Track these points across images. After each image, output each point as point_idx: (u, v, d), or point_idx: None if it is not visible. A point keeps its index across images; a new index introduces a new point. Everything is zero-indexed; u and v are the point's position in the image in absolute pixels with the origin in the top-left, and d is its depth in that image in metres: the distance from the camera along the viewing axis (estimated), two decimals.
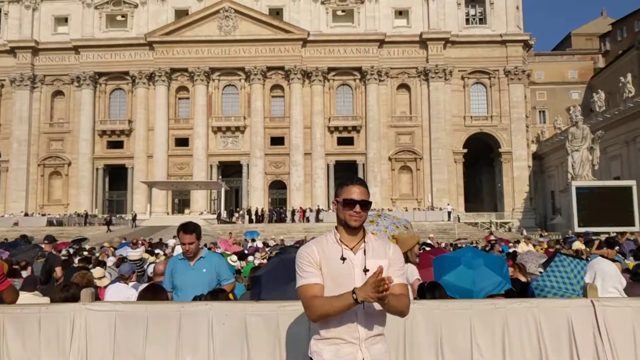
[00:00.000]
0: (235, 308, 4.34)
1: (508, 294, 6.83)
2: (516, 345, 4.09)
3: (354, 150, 65.90)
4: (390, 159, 65.63)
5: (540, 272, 8.81)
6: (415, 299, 3.73)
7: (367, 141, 65.04)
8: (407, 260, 6.26)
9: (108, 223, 50.70)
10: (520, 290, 7.88)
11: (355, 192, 3.42)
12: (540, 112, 79.91)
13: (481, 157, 68.38)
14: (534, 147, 70.04)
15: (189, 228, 5.82)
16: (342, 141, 66.48)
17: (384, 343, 3.43)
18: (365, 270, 3.33)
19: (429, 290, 5.07)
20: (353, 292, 3.18)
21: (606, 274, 5.85)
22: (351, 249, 3.42)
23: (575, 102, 68.22)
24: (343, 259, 3.36)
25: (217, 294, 4.94)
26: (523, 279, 9.19)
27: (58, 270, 11.32)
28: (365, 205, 3.44)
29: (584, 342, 4.02)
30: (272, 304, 4.26)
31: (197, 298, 4.92)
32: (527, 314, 4.10)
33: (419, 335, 4.11)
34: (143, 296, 5.06)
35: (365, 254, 3.41)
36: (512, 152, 65.27)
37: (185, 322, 4.28)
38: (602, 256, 9.60)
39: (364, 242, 3.46)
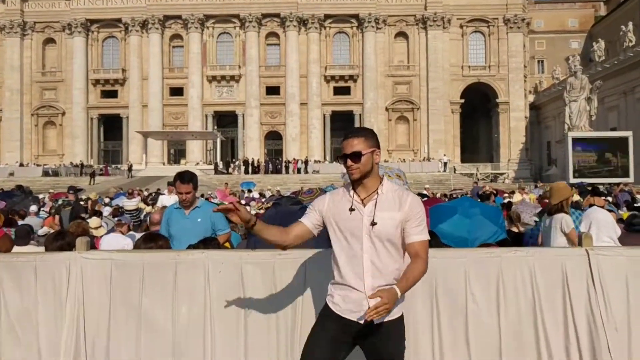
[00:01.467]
0: (232, 256, 4.34)
1: (502, 244, 6.89)
2: (510, 293, 4.13)
3: (351, 100, 65.38)
4: (387, 109, 65.26)
5: (535, 222, 8.89)
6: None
7: (364, 91, 64.47)
8: (561, 210, 6.19)
9: (92, 175, 49.43)
10: (514, 240, 7.95)
11: (347, 146, 3.32)
12: (538, 61, 79.02)
13: (478, 108, 68.02)
14: (531, 98, 69.59)
15: (186, 177, 5.76)
16: (338, 91, 65.88)
17: None
18: (373, 224, 3.24)
19: None
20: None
21: (601, 223, 5.88)
22: (362, 200, 3.32)
23: (575, 52, 67.35)
24: (351, 209, 3.30)
25: (208, 243, 4.94)
26: (517, 229, 9.26)
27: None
28: (356, 156, 3.28)
29: (577, 291, 4.05)
30: (268, 252, 4.26)
31: (190, 247, 4.92)
32: (522, 262, 4.12)
33: (414, 287, 4.12)
34: (142, 244, 5.05)
35: (375, 207, 3.29)
36: (509, 102, 64.94)
37: (181, 270, 4.28)
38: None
39: (377, 193, 3.33)
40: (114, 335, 4.29)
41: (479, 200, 15.48)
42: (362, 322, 3.23)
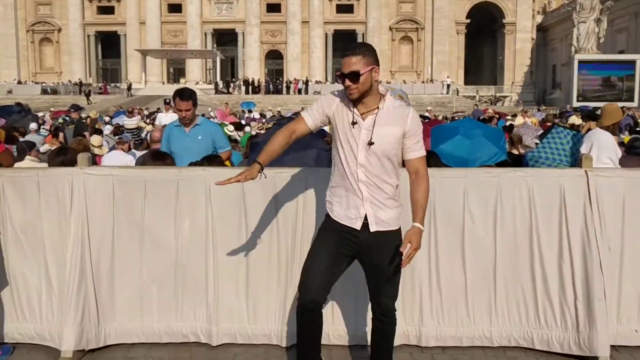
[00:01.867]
0: (233, 173, 4.34)
1: (502, 166, 6.91)
2: (508, 212, 4.19)
3: (354, 19, 63.69)
4: (390, 29, 63.73)
5: (536, 144, 8.87)
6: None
7: (368, 9, 62.69)
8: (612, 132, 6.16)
9: (87, 94, 48.32)
10: (515, 162, 7.96)
11: (345, 65, 3.17)
12: None
13: (484, 29, 66.33)
14: (539, 19, 67.65)
15: (185, 94, 5.69)
16: (341, 9, 64.07)
17: (393, 209, 3.35)
18: (370, 143, 3.20)
19: None
20: (255, 161, 3.40)
21: (602, 144, 5.88)
22: (362, 115, 3.25)
23: None
24: (353, 123, 3.25)
25: (212, 160, 4.96)
26: (517, 151, 9.26)
27: (87, 136, 11.50)
28: (354, 75, 3.14)
29: (574, 211, 4.11)
30: (269, 170, 4.28)
31: (192, 164, 4.94)
32: (520, 183, 4.15)
33: None
34: (149, 161, 5.07)
35: (375, 122, 3.22)
36: (516, 23, 63.30)
37: (183, 187, 4.32)
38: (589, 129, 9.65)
39: (378, 108, 3.24)
40: (117, 249, 4.38)
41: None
42: (358, 228, 3.29)
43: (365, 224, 3.30)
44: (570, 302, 4.12)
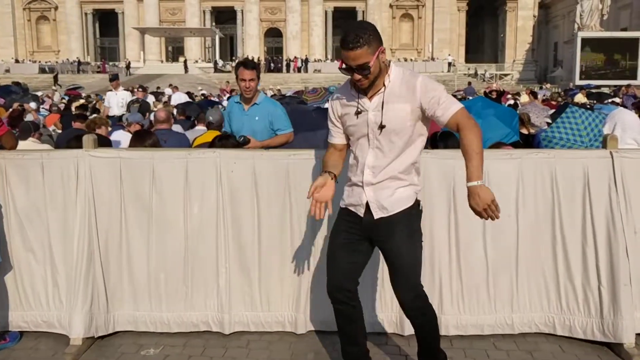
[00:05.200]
0: (244, 155, 4.21)
1: (514, 146, 6.76)
2: (529, 194, 4.05)
3: None
4: (391, 6, 63.05)
5: (548, 123, 8.71)
6: (426, 148, 3.45)
7: None
8: None
9: (55, 77, 45.75)
10: (525, 142, 7.81)
11: (349, 59, 2.86)
12: None
13: (485, 6, 65.62)
14: None
15: (250, 64, 5.37)
16: None
17: (403, 189, 3.10)
18: (382, 127, 2.96)
19: (441, 139, 4.95)
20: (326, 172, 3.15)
21: (626, 125, 5.73)
22: (369, 98, 3.02)
23: None
24: (358, 112, 3.03)
25: (227, 139, 4.77)
26: (527, 131, 9.09)
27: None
28: (364, 67, 2.86)
29: (598, 193, 3.97)
30: (282, 152, 4.13)
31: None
32: (543, 164, 4.00)
33: (432, 185, 4.04)
34: (133, 143, 4.90)
35: (383, 102, 2.96)
36: (517, 0, 62.50)
37: (192, 169, 4.17)
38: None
39: (384, 86, 2.98)
40: (125, 234, 4.25)
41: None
42: (362, 215, 3.12)
43: (370, 210, 3.11)
44: (594, 287, 3.99)
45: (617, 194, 3.94)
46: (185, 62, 55.33)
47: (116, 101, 14.40)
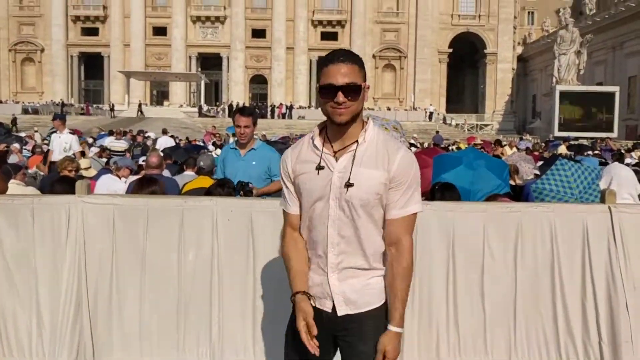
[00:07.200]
0: (241, 204, 4.16)
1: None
2: (529, 248, 4.04)
3: (338, 46, 64.05)
4: (374, 57, 64.45)
5: (536, 175, 8.80)
6: (426, 199, 3.41)
7: (352, 37, 63.42)
8: None
9: (13, 122, 41.09)
10: (514, 192, 7.87)
11: (337, 74, 2.38)
12: (529, 12, 77.99)
13: (466, 58, 67.43)
14: (519, 49, 69.08)
15: (246, 110, 5.40)
16: (325, 36, 64.73)
17: (375, 279, 2.53)
18: (348, 185, 2.40)
19: (440, 191, 4.95)
20: (295, 294, 2.53)
21: (622, 180, 5.81)
22: (335, 153, 2.47)
23: (566, 4, 66.48)
24: (319, 168, 2.46)
25: (223, 185, 4.71)
26: (513, 182, 9.18)
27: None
28: (354, 90, 2.39)
29: (598, 247, 3.98)
30: (275, 200, 4.06)
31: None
32: (542, 218, 4.01)
33: (431, 237, 4.01)
34: (136, 189, 4.83)
35: (353, 160, 2.43)
36: (497, 53, 64.50)
37: (188, 217, 4.10)
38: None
39: (357, 143, 2.45)
40: (117, 282, 4.13)
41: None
42: (329, 310, 2.53)
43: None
44: (594, 343, 3.95)
45: (616, 248, 3.95)
46: (139, 105, 53.86)
47: (59, 144, 12.26)
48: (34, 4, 63.59)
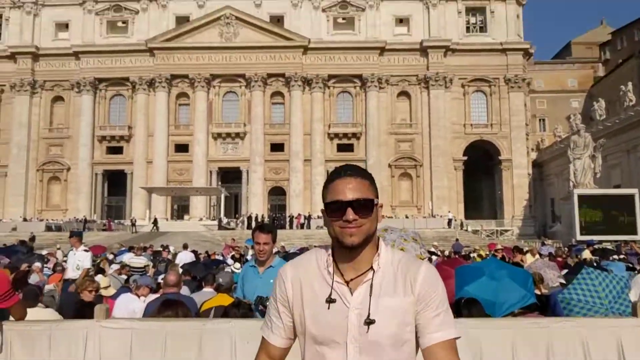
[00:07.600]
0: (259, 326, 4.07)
1: (531, 308, 6.59)
2: None
3: (354, 157, 65.70)
4: (390, 166, 65.52)
5: (562, 284, 8.58)
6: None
7: (367, 148, 64.94)
8: None
9: (31, 238, 37.02)
10: (540, 302, 7.64)
11: (346, 189, 2.11)
12: (540, 120, 79.92)
13: (481, 165, 68.25)
14: (533, 155, 70.01)
15: (266, 227, 5.46)
16: (341, 148, 66.39)
17: None
18: (369, 322, 2.04)
19: (465, 306, 4.82)
20: None
21: None
22: (348, 283, 2.13)
23: (575, 111, 68.14)
24: (330, 301, 2.10)
25: (240, 307, 4.66)
26: (539, 291, 8.94)
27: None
28: (365, 206, 2.11)
29: None
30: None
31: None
32: (572, 333, 3.85)
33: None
34: (160, 312, 4.77)
35: (371, 292, 2.09)
36: (512, 160, 65.23)
37: (206, 340, 4.02)
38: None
39: (372, 270, 2.12)
40: None
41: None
42: None
43: None
44: None
45: None
46: (155, 220, 55.08)
47: (73, 262, 12.02)
48: (63, 125, 66.79)
